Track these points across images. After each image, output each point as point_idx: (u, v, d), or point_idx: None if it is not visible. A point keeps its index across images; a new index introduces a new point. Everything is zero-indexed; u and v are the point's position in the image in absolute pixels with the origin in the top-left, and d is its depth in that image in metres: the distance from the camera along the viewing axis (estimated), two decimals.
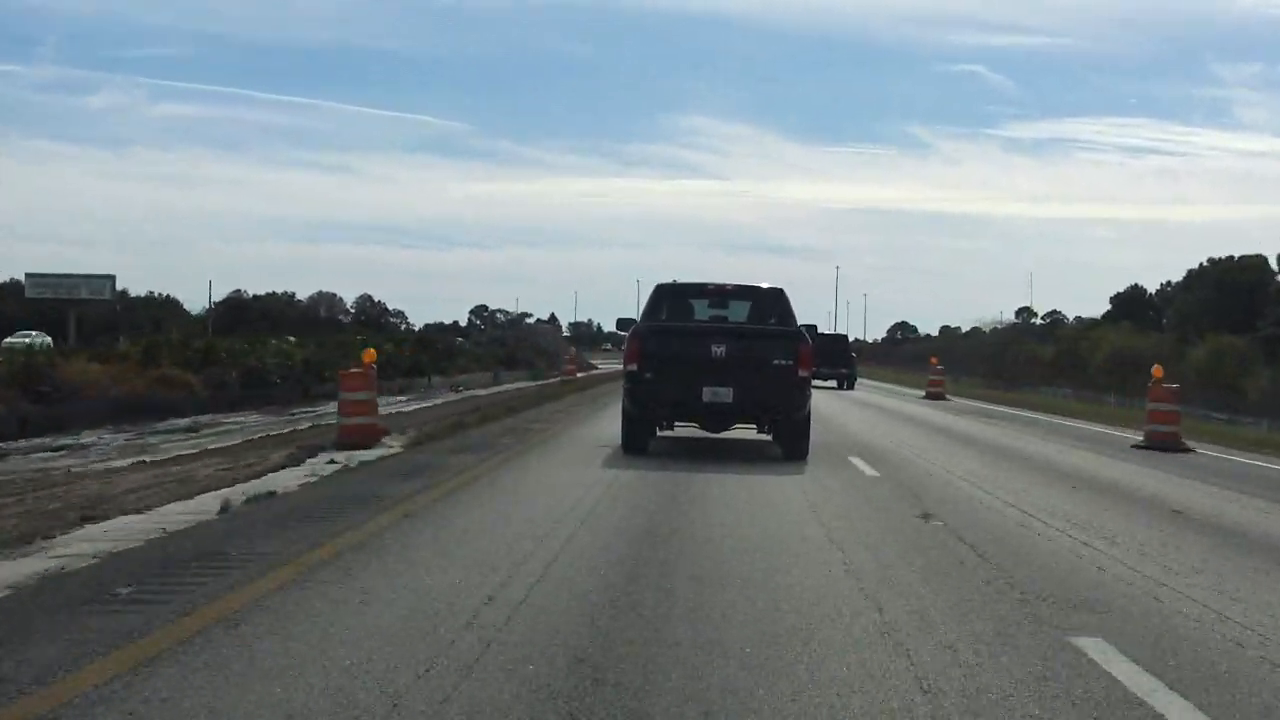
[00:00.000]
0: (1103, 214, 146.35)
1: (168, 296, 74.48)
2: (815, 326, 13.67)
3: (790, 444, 12.31)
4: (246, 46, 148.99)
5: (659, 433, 13.04)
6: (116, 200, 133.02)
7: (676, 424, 13.31)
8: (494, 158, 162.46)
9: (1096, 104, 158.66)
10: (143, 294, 72.29)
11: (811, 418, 12.68)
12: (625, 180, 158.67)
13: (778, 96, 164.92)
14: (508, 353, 47.20)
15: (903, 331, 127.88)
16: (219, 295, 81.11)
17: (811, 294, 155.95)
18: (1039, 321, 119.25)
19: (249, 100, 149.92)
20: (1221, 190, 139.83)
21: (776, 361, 12.02)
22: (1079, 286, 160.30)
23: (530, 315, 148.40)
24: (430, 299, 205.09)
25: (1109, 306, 75.41)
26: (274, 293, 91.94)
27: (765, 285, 13.66)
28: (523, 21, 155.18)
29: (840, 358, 39.39)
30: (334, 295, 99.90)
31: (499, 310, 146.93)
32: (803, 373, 12.07)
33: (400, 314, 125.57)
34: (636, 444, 12.26)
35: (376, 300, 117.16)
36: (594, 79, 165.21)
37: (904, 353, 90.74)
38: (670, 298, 13.57)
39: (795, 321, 12.95)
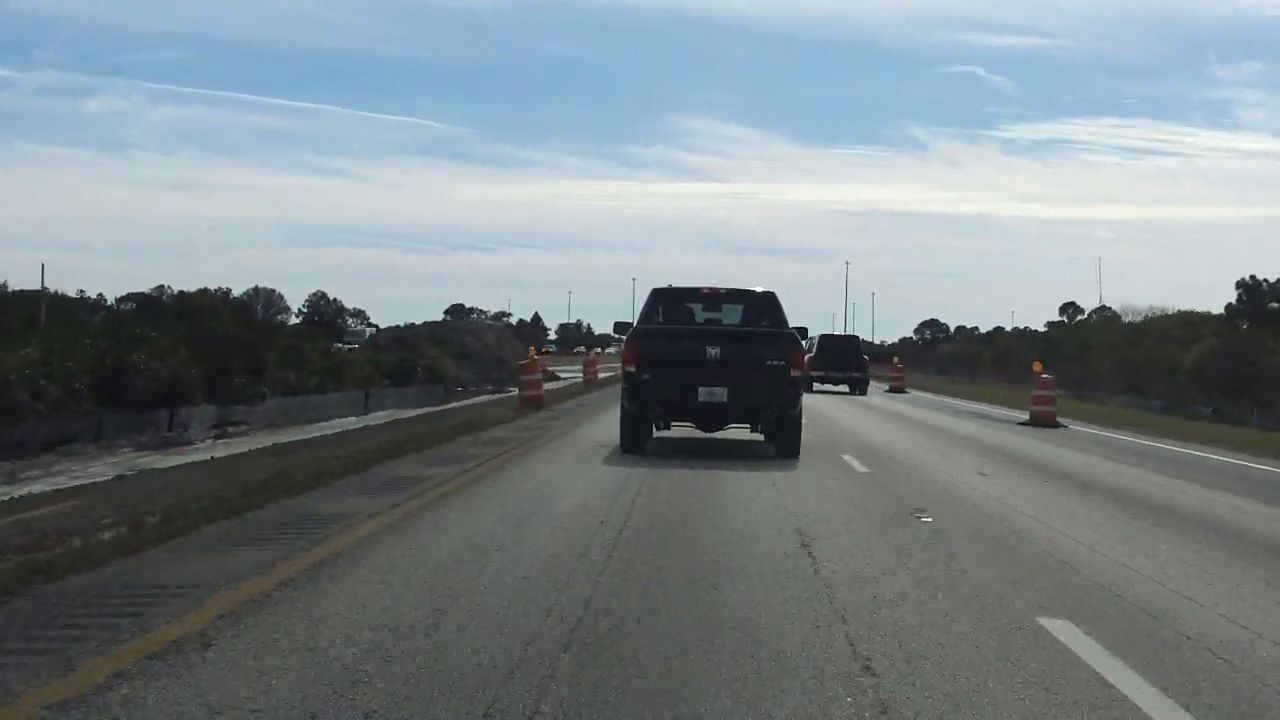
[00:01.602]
0: (1102, 214, 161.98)
1: (50, 292, 73.28)
2: (806, 329, 16.15)
3: (783, 442, 14.73)
4: (246, 51, 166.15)
5: (655, 433, 15.47)
6: (116, 205, 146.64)
7: (673, 424, 15.75)
8: (495, 161, 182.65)
9: (1095, 105, 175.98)
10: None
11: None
12: (627, 183, 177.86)
13: (778, 99, 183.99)
14: (404, 361, 37.19)
15: (933, 330, 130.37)
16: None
17: (814, 296, 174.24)
18: (1085, 318, 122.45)
19: (249, 104, 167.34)
20: (1221, 190, 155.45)
21: (769, 362, 14.40)
22: (1080, 288, 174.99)
23: (509, 314, 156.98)
24: (431, 303, 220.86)
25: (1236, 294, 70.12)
26: (205, 289, 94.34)
27: (758, 289, 16.14)
28: (523, 25, 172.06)
29: (851, 360, 41.73)
30: (272, 291, 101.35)
31: (476, 309, 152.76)
32: (795, 373, 14.49)
33: (361, 313, 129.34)
34: (634, 443, 14.64)
35: (332, 298, 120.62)
36: (595, 82, 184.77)
37: (942, 355, 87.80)
38: (666, 301, 16.04)
39: (787, 324, 15.40)
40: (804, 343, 48.68)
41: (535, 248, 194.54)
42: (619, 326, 16.45)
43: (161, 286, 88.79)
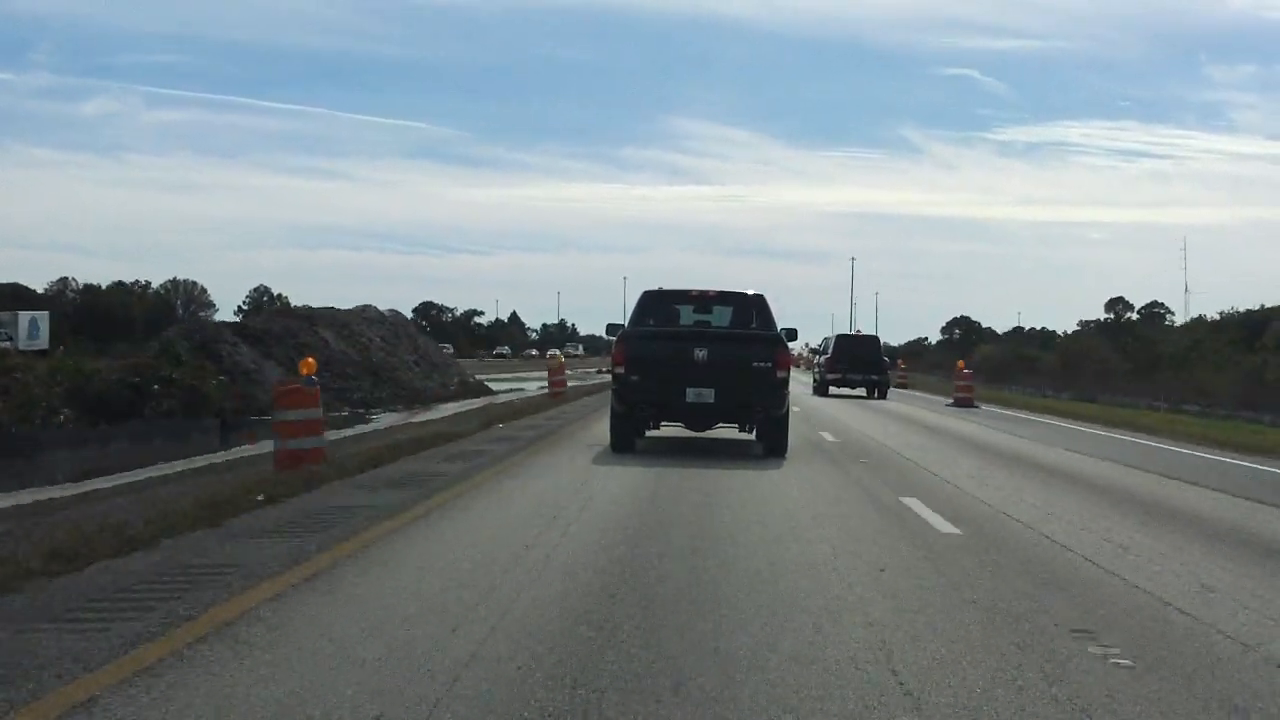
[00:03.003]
0: (1096, 217, 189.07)
1: None
2: (795, 331, 18.75)
3: (770, 441, 17.25)
4: (240, 53, 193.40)
5: (646, 433, 18.02)
6: (111, 207, 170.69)
7: (663, 424, 18.30)
8: (490, 163, 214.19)
9: (1089, 107, 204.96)
10: None
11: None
12: (622, 185, 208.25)
13: (773, 101, 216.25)
14: (134, 376, 25.56)
15: (961, 329, 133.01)
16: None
17: (810, 298, 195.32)
18: (1134, 316, 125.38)
19: (243, 106, 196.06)
20: (1215, 193, 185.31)
21: (756, 364, 16.88)
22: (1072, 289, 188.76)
23: (481, 313, 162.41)
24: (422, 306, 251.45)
25: None
26: (120, 282, 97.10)
27: (748, 291, 18.74)
28: (518, 27, 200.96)
29: (870, 362, 44.39)
30: (194, 284, 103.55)
31: (444, 308, 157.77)
32: (781, 374, 16.99)
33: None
34: (624, 443, 17.14)
35: (278, 294, 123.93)
36: (590, 84, 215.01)
37: (994, 360, 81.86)
38: (656, 303, 18.63)
39: (775, 325, 17.99)
40: (821, 343, 51.38)
41: (530, 250, 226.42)
42: (611, 328, 18.84)
43: (65, 279, 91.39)
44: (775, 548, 9.06)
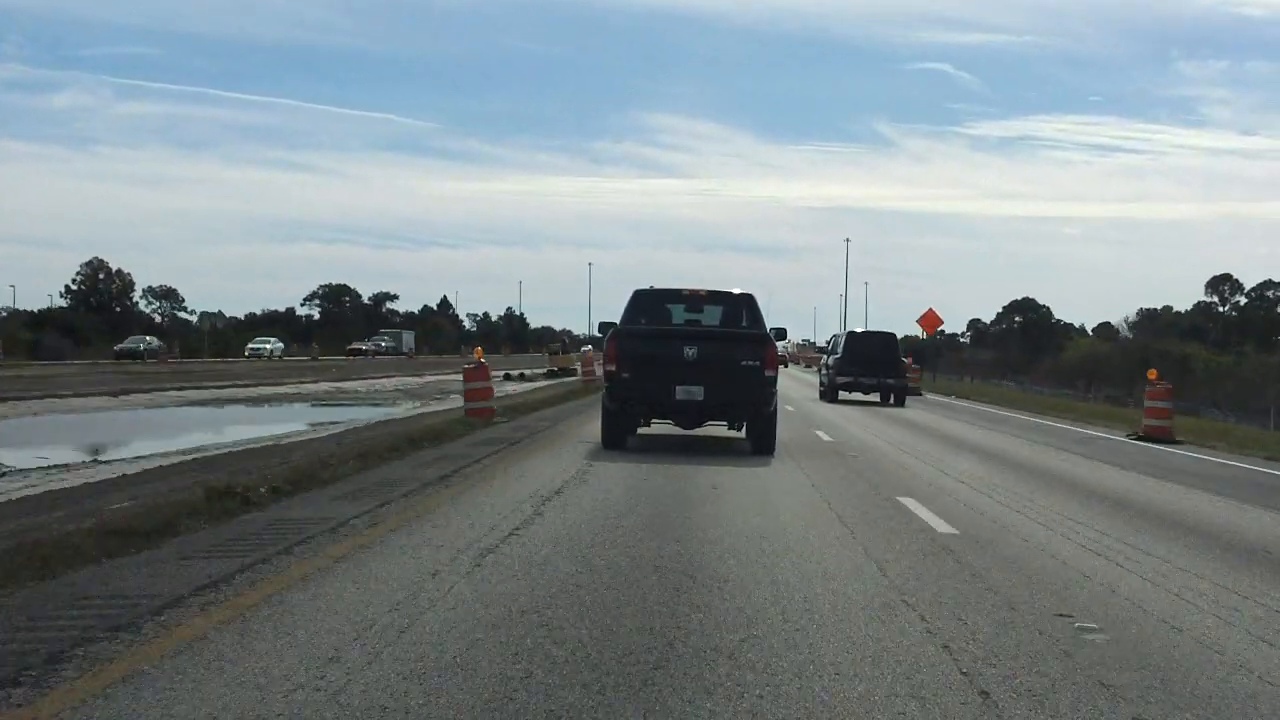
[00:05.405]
0: (1070, 212, 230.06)
1: None
2: (785, 330, 24.53)
3: (758, 439, 22.85)
4: (212, 45, 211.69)
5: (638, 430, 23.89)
6: (82, 200, 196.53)
7: (653, 421, 24.08)
8: (462, 157, 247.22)
9: (1062, 102, 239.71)
10: None
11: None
12: (594, 179, 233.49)
13: (747, 95, 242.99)
14: None
15: (1022, 314, 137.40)
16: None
17: (785, 293, 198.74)
18: (1243, 299, 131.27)
19: (214, 99, 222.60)
20: (1187, 188, 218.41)
21: (744, 363, 22.27)
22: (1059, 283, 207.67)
23: (394, 297, 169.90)
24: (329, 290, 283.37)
25: None
26: None
27: (737, 290, 24.38)
28: (490, 20, 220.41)
29: (886, 363, 49.40)
30: None
31: (349, 290, 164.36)
32: (769, 373, 22.48)
33: (170, 294, 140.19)
34: (615, 440, 22.65)
35: (118, 270, 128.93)
36: (562, 77, 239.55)
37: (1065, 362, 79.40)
38: (648, 302, 24.19)
39: (764, 324, 23.57)
40: (829, 341, 60.27)
41: (502, 244, 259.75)
42: (603, 326, 23.85)
43: None
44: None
